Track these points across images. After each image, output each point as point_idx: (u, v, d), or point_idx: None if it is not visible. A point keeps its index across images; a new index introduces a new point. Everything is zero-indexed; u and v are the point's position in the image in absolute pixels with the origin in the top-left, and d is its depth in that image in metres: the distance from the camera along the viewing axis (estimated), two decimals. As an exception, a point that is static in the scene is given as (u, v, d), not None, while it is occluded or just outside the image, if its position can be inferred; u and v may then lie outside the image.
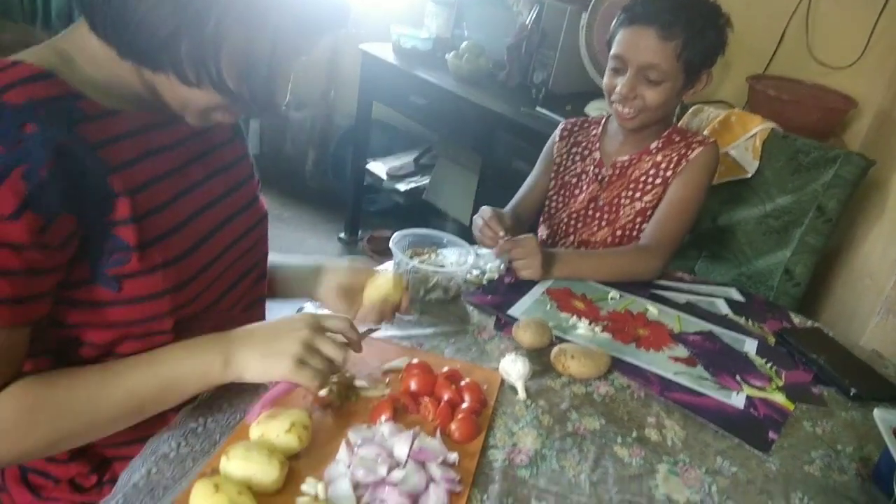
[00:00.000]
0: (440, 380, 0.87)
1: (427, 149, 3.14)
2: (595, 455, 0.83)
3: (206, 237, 0.82)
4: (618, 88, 1.28)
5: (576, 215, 1.46)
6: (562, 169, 1.49)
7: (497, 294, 1.16)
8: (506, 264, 1.27)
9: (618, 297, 1.22)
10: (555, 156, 1.50)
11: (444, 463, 0.74)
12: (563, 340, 1.04)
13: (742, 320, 1.22)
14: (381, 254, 2.91)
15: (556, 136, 1.52)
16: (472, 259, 1.14)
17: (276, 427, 0.72)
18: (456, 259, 1.17)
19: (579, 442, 0.85)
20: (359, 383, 0.86)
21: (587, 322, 1.11)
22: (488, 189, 2.26)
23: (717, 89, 2.11)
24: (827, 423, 0.97)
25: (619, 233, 1.42)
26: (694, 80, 1.31)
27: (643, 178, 1.39)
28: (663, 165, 1.37)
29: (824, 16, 1.98)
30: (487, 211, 1.25)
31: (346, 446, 0.74)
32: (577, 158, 1.48)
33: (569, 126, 1.51)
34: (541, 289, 1.20)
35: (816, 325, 1.26)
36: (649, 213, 1.38)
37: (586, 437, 0.86)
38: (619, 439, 0.86)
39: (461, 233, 1.24)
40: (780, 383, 1.04)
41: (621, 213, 1.41)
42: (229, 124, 0.92)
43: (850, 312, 1.67)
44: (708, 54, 1.28)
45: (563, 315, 1.13)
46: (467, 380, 0.88)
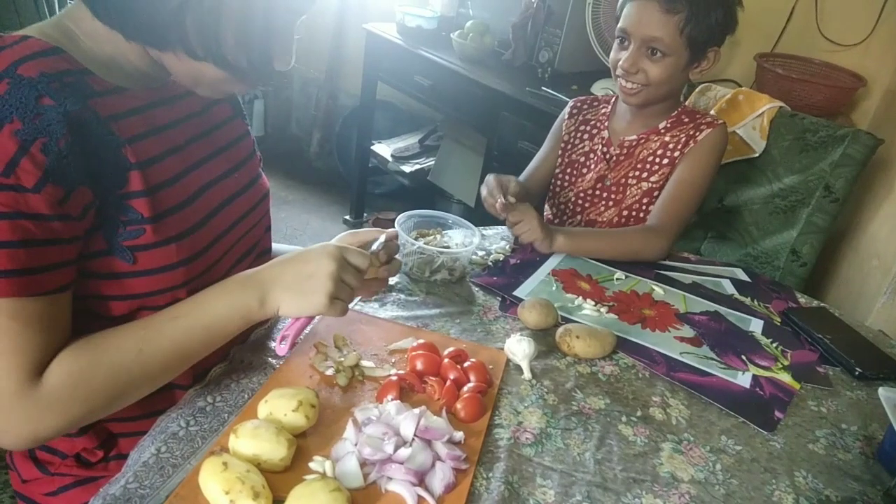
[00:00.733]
0: (446, 360, 0.87)
1: (432, 130, 3.12)
2: (600, 433, 0.83)
3: (215, 212, 0.83)
4: (620, 62, 1.28)
5: (583, 194, 1.46)
6: (569, 147, 1.49)
7: (502, 275, 1.16)
8: (511, 245, 1.27)
9: (623, 277, 1.22)
10: (563, 133, 1.49)
11: (450, 441, 0.75)
12: (568, 321, 1.05)
13: (748, 300, 1.22)
14: (387, 235, 2.91)
15: (565, 113, 1.51)
16: (477, 240, 1.14)
17: (283, 405, 0.73)
18: (461, 240, 1.17)
19: (584, 421, 0.85)
20: (365, 363, 0.87)
21: (593, 303, 1.11)
22: (493, 170, 2.22)
23: (725, 68, 2.09)
24: (832, 403, 0.98)
25: (626, 213, 1.41)
26: (699, 57, 1.29)
27: (650, 158, 1.38)
28: (671, 146, 1.36)
29: (834, -8, 1.95)
30: (491, 178, 1.25)
31: (352, 425, 0.75)
32: (585, 137, 1.47)
33: (578, 104, 1.51)
34: (546, 269, 1.20)
35: (822, 305, 1.26)
36: (656, 193, 1.37)
37: (591, 416, 0.86)
38: (624, 418, 0.87)
39: (466, 214, 1.25)
40: (786, 363, 1.04)
41: (628, 193, 1.40)
42: (229, 104, 0.93)
43: (857, 293, 1.66)
44: (714, 31, 1.26)
45: (569, 296, 1.13)
46: (473, 360, 0.89)
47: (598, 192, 1.44)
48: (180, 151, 0.80)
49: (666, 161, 1.36)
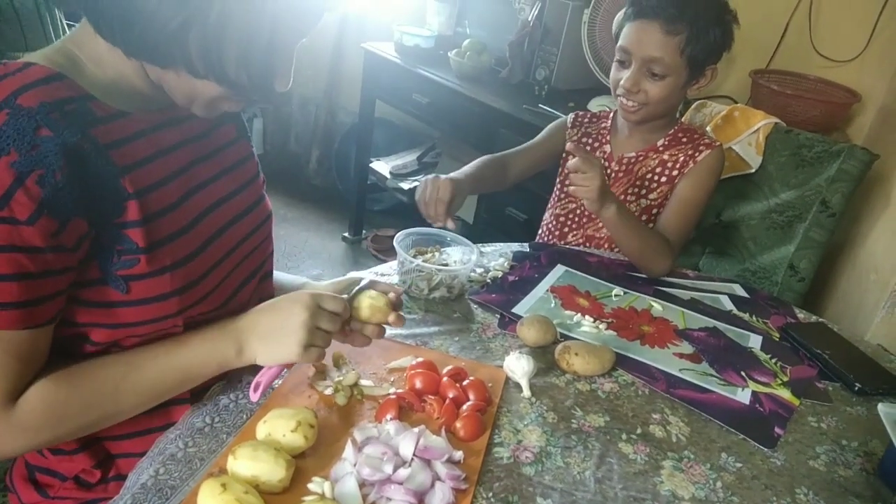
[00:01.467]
0: (445, 378, 0.87)
1: (430, 147, 3.14)
2: (600, 452, 0.83)
3: (214, 237, 0.83)
4: (622, 82, 1.29)
5: (583, 209, 1.46)
6: (571, 157, 1.48)
7: (501, 292, 1.16)
8: (509, 262, 1.27)
9: (622, 293, 1.22)
10: (566, 141, 1.49)
11: (450, 461, 0.75)
12: (567, 338, 1.05)
13: (746, 316, 1.22)
14: (385, 253, 2.91)
15: (567, 121, 1.51)
16: (475, 257, 1.14)
17: (282, 426, 0.73)
18: (459, 257, 1.17)
19: (584, 439, 0.85)
20: (364, 382, 0.87)
21: (591, 319, 1.11)
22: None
23: (720, 84, 2.11)
24: (832, 419, 0.98)
25: (624, 230, 1.41)
26: (698, 75, 1.31)
27: (649, 176, 1.39)
28: (669, 165, 1.37)
29: (827, 10, 1.97)
30: (435, 184, 1.21)
31: (351, 445, 0.74)
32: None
33: (579, 117, 1.51)
34: (545, 286, 1.20)
35: (821, 320, 1.26)
36: (655, 211, 1.38)
37: (591, 434, 0.86)
38: (624, 436, 0.87)
39: (464, 230, 1.24)
40: (785, 379, 1.04)
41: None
42: (233, 125, 0.93)
43: (855, 307, 1.66)
44: (712, 50, 1.28)
45: (567, 312, 1.13)
46: (472, 378, 0.89)
47: None
48: (184, 174, 0.80)
49: (665, 179, 1.37)
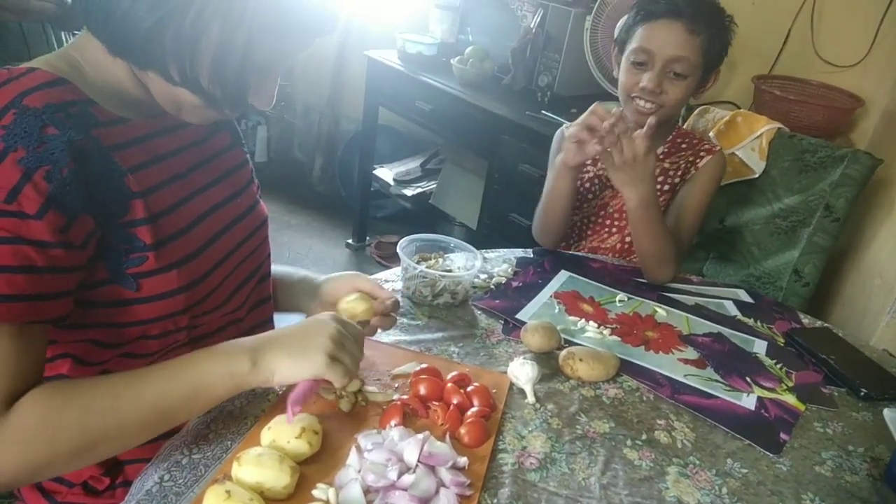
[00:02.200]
0: (449, 384, 0.87)
1: (433, 153, 3.15)
2: (605, 458, 0.83)
3: (213, 239, 0.84)
4: (642, 83, 1.26)
5: (587, 220, 1.46)
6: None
7: (505, 298, 1.16)
8: (513, 268, 1.27)
9: (626, 299, 1.22)
10: None
11: (454, 467, 0.74)
12: (571, 343, 1.05)
13: (751, 321, 1.22)
14: (389, 259, 2.91)
15: (564, 135, 1.49)
16: (479, 263, 1.14)
17: (286, 432, 0.73)
18: (463, 263, 1.18)
19: (589, 445, 0.85)
20: (368, 388, 0.87)
21: (595, 325, 1.11)
22: (495, 193, 2.26)
23: (723, 90, 2.11)
24: (837, 424, 0.97)
25: (628, 239, 1.41)
26: (706, 79, 1.31)
27: None
28: (671, 172, 1.37)
29: (829, 15, 1.97)
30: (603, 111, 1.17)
31: (356, 451, 0.74)
32: (588, 163, 1.46)
33: None
34: (548, 292, 1.20)
35: (826, 325, 1.26)
36: None
37: (596, 440, 0.86)
38: (629, 442, 0.86)
39: (468, 237, 1.25)
40: (791, 384, 1.04)
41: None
42: (228, 132, 0.94)
43: (860, 312, 1.66)
44: (723, 52, 1.29)
45: (572, 318, 1.13)
46: (476, 384, 0.89)
47: (601, 219, 1.44)
48: (182, 179, 0.81)
49: (667, 188, 1.37)
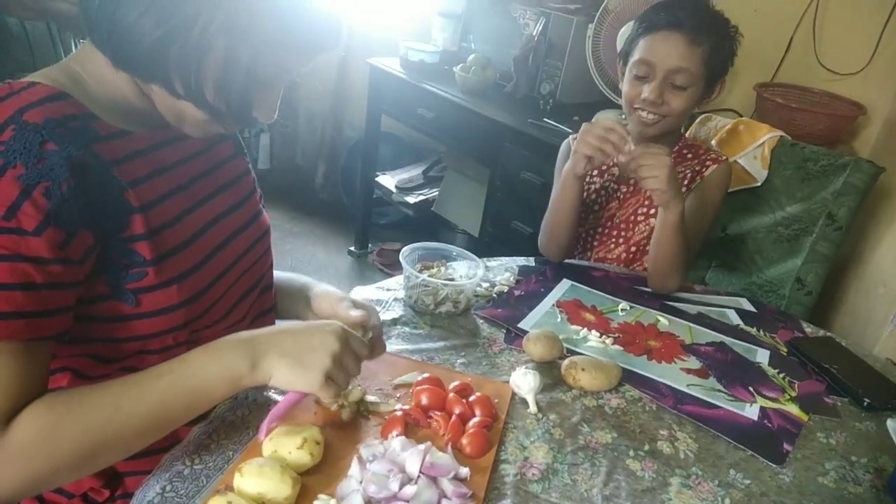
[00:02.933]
0: (451, 394, 0.87)
1: (436, 161, 3.15)
2: (607, 469, 0.83)
3: (215, 251, 0.84)
4: (644, 95, 1.27)
5: (592, 231, 1.46)
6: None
7: (507, 307, 1.16)
8: (515, 276, 1.27)
9: (628, 308, 1.22)
10: None
11: (456, 478, 0.74)
12: (573, 353, 1.04)
13: (753, 330, 1.22)
14: (391, 266, 2.92)
15: (570, 147, 1.48)
16: (481, 272, 1.14)
17: (288, 443, 0.73)
18: (465, 272, 1.18)
19: (591, 455, 0.84)
20: (369, 398, 0.87)
21: (598, 334, 1.11)
22: (497, 200, 2.27)
23: (725, 98, 2.11)
24: (841, 434, 0.97)
25: (634, 249, 1.41)
26: (711, 89, 1.31)
27: None
28: None
29: (831, 23, 1.98)
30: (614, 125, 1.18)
31: (357, 462, 0.74)
32: (594, 173, 1.46)
33: None
34: (551, 301, 1.20)
35: (828, 334, 1.26)
36: None
37: (598, 451, 0.85)
38: (632, 452, 0.86)
39: (470, 244, 1.25)
40: (794, 394, 1.04)
41: (636, 229, 1.40)
42: (230, 142, 0.94)
43: (863, 321, 1.65)
44: (727, 62, 1.29)
45: (574, 327, 1.13)
46: (478, 394, 0.89)
47: (607, 229, 1.44)
48: (184, 191, 0.81)
49: None
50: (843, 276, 1.85)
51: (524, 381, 0.92)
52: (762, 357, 1.13)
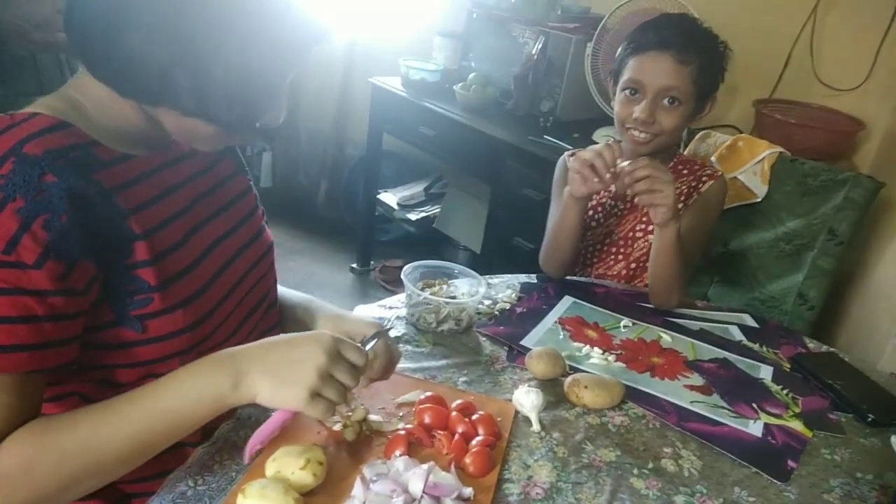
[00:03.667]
0: (454, 413, 0.87)
1: (437, 178, 3.16)
2: (612, 487, 0.82)
3: (219, 272, 0.84)
4: (635, 114, 1.27)
5: (592, 248, 1.46)
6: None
7: (509, 324, 1.16)
8: (517, 294, 1.27)
9: (630, 325, 1.22)
10: None
11: (460, 498, 0.74)
12: (576, 370, 1.04)
13: (756, 346, 1.22)
14: (393, 283, 2.92)
15: (566, 163, 1.46)
16: (483, 289, 1.14)
17: (291, 463, 0.73)
18: (467, 290, 1.18)
19: (595, 474, 0.84)
20: (372, 417, 0.87)
21: (600, 351, 1.11)
22: (498, 217, 2.27)
23: (724, 114, 2.12)
24: (845, 451, 0.96)
25: (634, 265, 1.42)
26: (702, 105, 1.32)
27: None
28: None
29: (829, 39, 1.99)
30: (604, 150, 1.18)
31: (360, 482, 0.74)
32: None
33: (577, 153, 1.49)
34: (553, 318, 1.20)
35: (832, 350, 1.25)
36: None
37: (602, 469, 0.85)
38: (636, 470, 0.86)
39: (472, 260, 1.25)
40: (797, 410, 1.03)
41: (635, 245, 1.41)
42: (230, 160, 0.94)
43: (867, 336, 1.65)
44: (715, 80, 1.30)
45: (576, 344, 1.13)
46: (481, 412, 0.88)
47: (606, 246, 1.45)
48: (187, 212, 0.81)
49: None
50: (844, 291, 1.85)
51: (527, 399, 0.92)
52: (765, 373, 1.13)
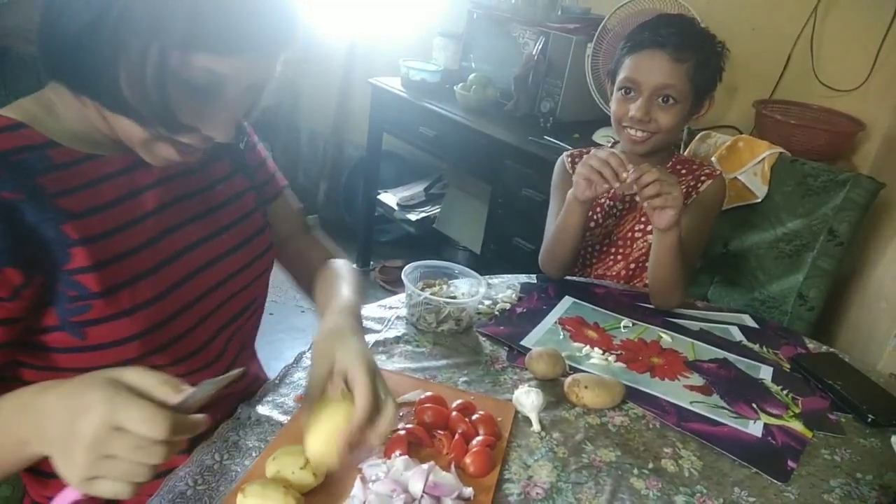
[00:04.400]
0: (454, 413, 0.87)
1: (437, 178, 3.17)
2: (612, 487, 0.82)
3: (189, 276, 0.81)
4: (631, 112, 1.27)
5: (591, 249, 1.46)
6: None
7: (509, 324, 1.16)
8: (517, 294, 1.27)
9: (630, 325, 1.22)
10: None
11: (460, 498, 0.74)
12: (576, 370, 1.04)
13: (756, 347, 1.22)
14: (393, 283, 2.92)
15: (565, 164, 1.46)
16: (483, 289, 1.14)
17: (291, 463, 0.73)
18: (467, 290, 1.18)
19: (595, 474, 0.84)
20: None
21: (600, 351, 1.11)
22: (498, 217, 2.27)
23: (724, 114, 2.12)
24: (845, 451, 0.96)
25: (633, 266, 1.42)
26: (700, 104, 1.32)
27: None
28: None
29: (829, 39, 1.99)
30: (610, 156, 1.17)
31: (360, 482, 0.74)
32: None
33: (575, 157, 1.46)
34: (553, 318, 1.20)
35: (831, 350, 1.25)
36: None
37: (602, 469, 0.85)
38: (636, 471, 0.86)
39: (472, 260, 1.25)
40: (797, 410, 1.03)
41: (634, 246, 1.41)
42: (226, 160, 0.91)
43: (866, 336, 1.65)
44: (714, 78, 1.30)
45: (576, 345, 1.13)
46: (481, 412, 0.88)
47: (605, 247, 1.45)
48: (154, 215, 0.78)
49: None
50: (844, 292, 1.85)
51: (527, 400, 0.92)
52: (765, 374, 1.13)
